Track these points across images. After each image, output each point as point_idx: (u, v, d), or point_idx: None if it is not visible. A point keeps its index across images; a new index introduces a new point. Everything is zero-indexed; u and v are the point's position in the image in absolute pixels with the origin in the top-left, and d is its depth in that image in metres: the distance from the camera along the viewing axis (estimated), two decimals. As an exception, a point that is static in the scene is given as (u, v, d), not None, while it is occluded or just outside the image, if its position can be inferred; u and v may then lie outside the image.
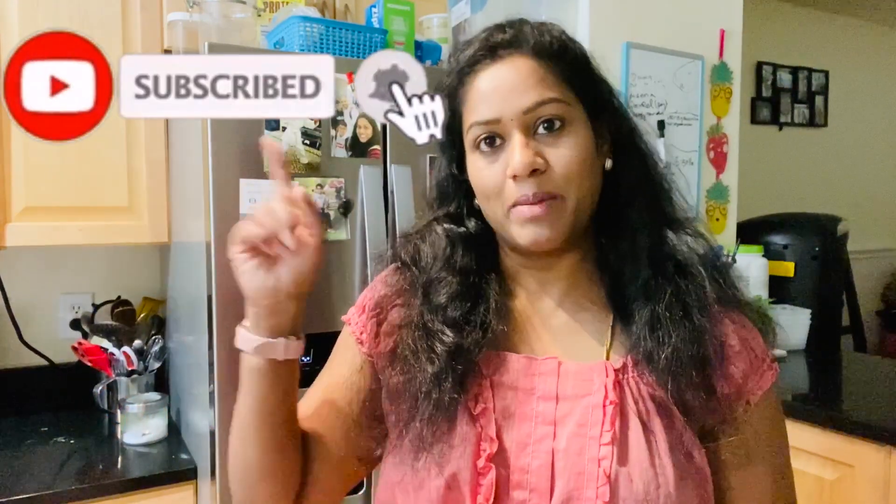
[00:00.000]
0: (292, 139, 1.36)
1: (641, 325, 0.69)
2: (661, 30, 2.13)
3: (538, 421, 0.69)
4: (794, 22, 4.04)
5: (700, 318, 0.69)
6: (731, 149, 2.36)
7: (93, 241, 1.66)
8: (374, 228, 1.44)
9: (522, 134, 0.67)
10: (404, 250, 0.79)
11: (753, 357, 0.71)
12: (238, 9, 1.46)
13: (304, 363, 1.41)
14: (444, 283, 0.74)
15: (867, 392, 1.93)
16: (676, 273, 0.71)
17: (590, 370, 0.70)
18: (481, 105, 0.69)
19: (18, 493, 1.32)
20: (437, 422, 0.68)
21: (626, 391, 0.69)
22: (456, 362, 0.69)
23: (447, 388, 0.68)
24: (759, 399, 0.71)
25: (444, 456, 0.68)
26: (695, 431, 0.68)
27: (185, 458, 1.52)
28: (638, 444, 0.66)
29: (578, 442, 0.67)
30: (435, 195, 0.80)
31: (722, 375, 0.69)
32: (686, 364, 0.67)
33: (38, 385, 1.84)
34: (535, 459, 0.67)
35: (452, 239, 0.76)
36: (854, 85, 4.35)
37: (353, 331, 0.79)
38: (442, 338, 0.71)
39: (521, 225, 0.69)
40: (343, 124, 1.42)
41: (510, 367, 0.72)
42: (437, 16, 1.82)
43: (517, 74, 0.68)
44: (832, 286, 2.44)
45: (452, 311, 0.72)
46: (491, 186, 0.70)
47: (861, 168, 4.40)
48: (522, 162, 0.66)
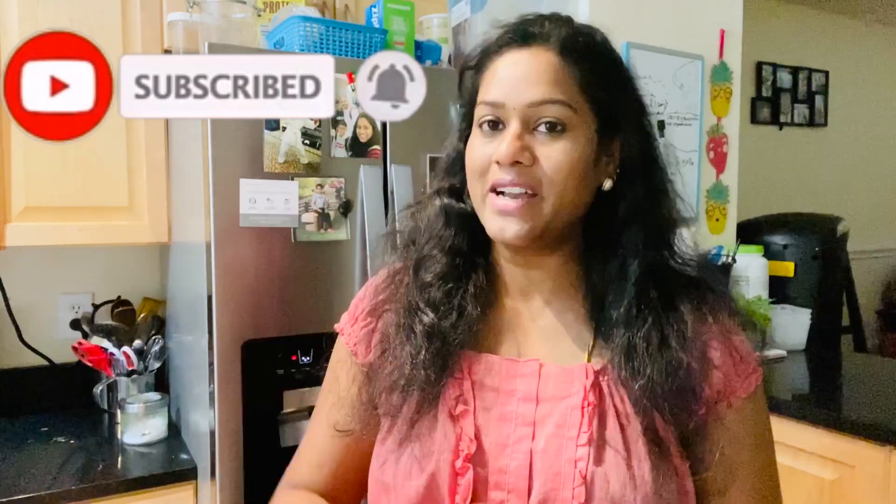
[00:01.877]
0: (292, 139, 1.36)
1: (618, 351, 0.69)
2: (661, 30, 2.13)
3: (518, 422, 0.69)
4: (794, 22, 4.04)
5: (679, 350, 0.67)
6: (731, 149, 2.36)
7: (93, 241, 1.66)
8: (374, 228, 1.43)
9: (520, 125, 0.67)
10: (404, 225, 0.80)
11: (738, 360, 0.70)
12: (238, 9, 1.46)
13: (305, 363, 1.42)
14: (432, 262, 0.75)
15: (867, 392, 1.93)
16: (660, 302, 0.70)
17: (570, 372, 0.70)
18: (493, 86, 0.69)
19: (18, 493, 1.32)
20: (422, 411, 0.69)
21: (606, 393, 0.69)
22: (431, 343, 0.70)
23: (426, 366, 0.69)
24: (741, 402, 0.70)
25: (425, 454, 0.69)
26: (677, 431, 0.68)
27: (185, 458, 1.52)
28: (615, 446, 0.66)
29: (556, 443, 0.67)
30: (442, 165, 0.80)
31: (699, 398, 0.68)
32: (659, 395, 0.66)
33: (38, 385, 1.83)
34: (513, 460, 0.68)
35: (449, 215, 0.76)
36: (854, 85, 4.35)
37: (347, 342, 0.80)
38: (422, 317, 0.72)
39: (493, 214, 0.69)
40: (343, 124, 1.42)
41: (493, 368, 0.72)
42: (437, 16, 1.82)
43: (535, 65, 0.67)
44: (832, 286, 2.44)
45: (435, 292, 0.73)
46: (478, 166, 0.70)
47: (861, 168, 4.40)
48: (507, 151, 0.66)
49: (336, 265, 1.42)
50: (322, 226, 1.40)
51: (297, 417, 1.40)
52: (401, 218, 0.82)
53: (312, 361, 1.39)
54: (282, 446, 1.37)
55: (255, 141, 1.33)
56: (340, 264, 1.43)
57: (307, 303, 1.38)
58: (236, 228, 1.31)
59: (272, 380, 1.35)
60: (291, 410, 1.39)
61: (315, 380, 1.39)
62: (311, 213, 1.39)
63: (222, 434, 1.30)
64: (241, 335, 1.31)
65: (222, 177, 1.30)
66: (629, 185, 0.71)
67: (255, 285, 1.33)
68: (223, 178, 1.30)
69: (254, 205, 1.32)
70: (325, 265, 1.41)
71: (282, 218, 1.35)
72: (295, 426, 1.39)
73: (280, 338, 1.35)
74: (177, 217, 1.69)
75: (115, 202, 1.67)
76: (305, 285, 1.38)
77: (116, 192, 1.67)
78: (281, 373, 1.36)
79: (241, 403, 1.31)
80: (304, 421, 1.40)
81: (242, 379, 1.31)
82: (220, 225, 1.30)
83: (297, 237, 1.37)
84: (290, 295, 1.36)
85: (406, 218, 0.81)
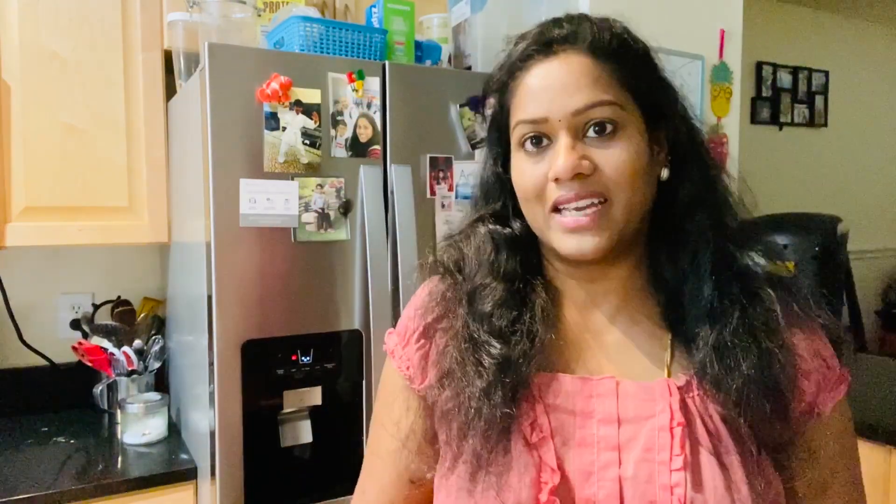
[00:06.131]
0: (292, 139, 1.36)
1: (707, 349, 0.64)
2: (661, 30, 2.11)
3: (600, 447, 0.64)
4: (794, 22, 4.04)
5: (770, 342, 0.64)
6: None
7: (93, 241, 1.66)
8: (374, 228, 1.44)
9: (570, 136, 0.63)
10: (448, 255, 0.75)
11: (826, 369, 0.67)
12: (238, 9, 1.46)
13: (305, 363, 1.42)
14: (488, 290, 0.70)
15: (867, 392, 1.93)
16: (742, 294, 0.66)
17: (651, 389, 0.65)
18: (530, 103, 0.66)
19: (18, 493, 1.32)
20: (492, 441, 0.64)
21: (693, 411, 0.64)
22: (505, 375, 0.65)
23: (498, 401, 0.64)
24: (831, 411, 0.67)
25: (503, 484, 0.63)
26: (769, 452, 0.64)
27: (185, 458, 1.52)
28: (711, 469, 0.62)
29: (647, 468, 0.62)
30: (480, 193, 0.77)
31: (795, 398, 0.65)
32: (757, 395, 0.62)
33: (38, 385, 1.84)
34: (601, 489, 0.63)
35: (497, 242, 0.72)
36: (854, 85, 4.35)
37: (399, 366, 0.74)
38: (489, 349, 0.66)
39: (564, 233, 0.65)
40: (343, 124, 1.42)
41: (564, 388, 0.67)
42: (437, 16, 1.82)
43: (570, 72, 0.64)
44: (832, 286, 2.44)
45: (498, 321, 0.68)
46: (532, 188, 0.66)
47: (861, 168, 4.40)
48: (566, 165, 0.62)
49: (336, 265, 1.42)
50: (322, 226, 1.40)
51: (297, 417, 1.40)
52: (442, 248, 0.77)
53: (312, 361, 1.39)
54: (282, 446, 1.37)
55: (255, 141, 1.33)
56: (340, 264, 1.43)
57: (307, 303, 1.38)
58: (236, 228, 1.31)
59: (272, 380, 1.35)
60: (291, 410, 1.39)
61: (315, 379, 1.40)
62: (311, 213, 1.39)
63: (222, 434, 1.30)
64: (241, 335, 1.31)
65: (222, 177, 1.30)
66: (684, 170, 0.69)
67: (255, 285, 1.33)
68: (223, 178, 1.30)
69: (254, 205, 1.32)
70: (325, 265, 1.41)
71: (282, 218, 1.35)
72: (295, 426, 1.39)
73: (280, 338, 1.35)
74: (177, 217, 1.69)
75: (115, 202, 1.67)
76: (305, 285, 1.38)
77: (116, 192, 1.67)
78: (281, 373, 1.36)
79: (241, 403, 1.31)
80: (304, 421, 1.40)
81: (242, 379, 1.31)
82: (220, 225, 1.30)
83: (297, 237, 1.37)
84: (290, 295, 1.36)
85: (450, 248, 0.76)
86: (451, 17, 1.82)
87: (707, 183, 0.69)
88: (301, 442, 1.39)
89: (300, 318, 1.38)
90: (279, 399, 1.37)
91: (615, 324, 0.70)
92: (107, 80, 1.63)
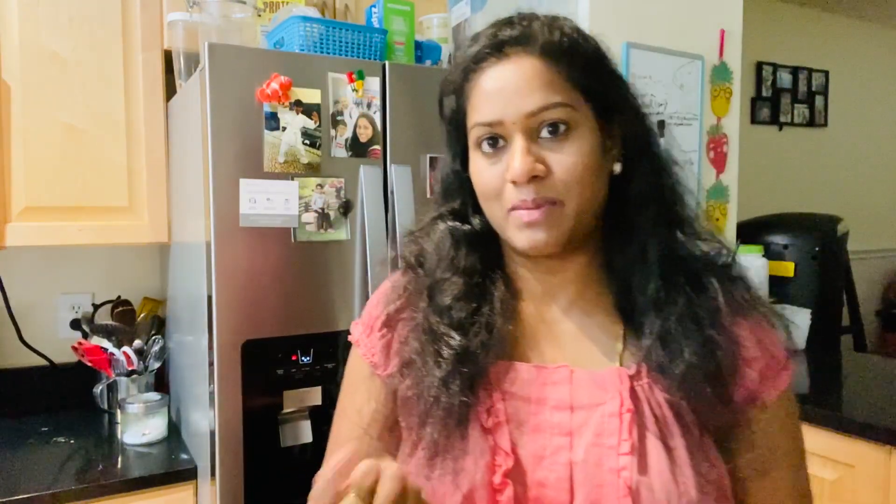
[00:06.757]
0: (292, 139, 1.36)
1: (653, 337, 0.67)
2: (661, 30, 2.13)
3: (553, 432, 0.67)
4: (794, 22, 4.04)
5: (712, 330, 0.67)
6: (731, 149, 2.36)
7: (93, 241, 1.66)
8: (374, 228, 1.44)
9: (525, 138, 0.65)
10: (409, 250, 0.78)
11: (770, 358, 0.69)
12: (238, 9, 1.46)
13: (305, 363, 1.42)
14: (447, 284, 0.73)
15: (867, 392, 1.93)
16: (688, 283, 0.69)
17: (602, 378, 0.68)
18: (485, 105, 0.67)
19: (18, 493, 1.32)
20: (450, 428, 0.67)
21: (642, 398, 0.67)
22: (463, 365, 0.68)
23: (455, 391, 0.67)
24: (775, 399, 0.69)
25: (459, 469, 0.65)
26: (712, 436, 0.67)
27: (185, 458, 1.52)
28: (657, 453, 0.64)
29: (597, 452, 0.65)
30: (440, 190, 0.79)
31: (736, 384, 0.67)
32: (700, 379, 0.65)
33: (38, 385, 1.84)
34: (552, 472, 0.65)
35: (456, 237, 0.75)
36: (854, 85, 4.35)
37: (364, 353, 0.77)
38: (448, 341, 0.69)
39: (519, 229, 0.67)
40: (343, 124, 1.42)
41: (520, 376, 0.70)
42: (437, 16, 1.82)
43: (522, 76, 0.66)
44: (832, 286, 2.44)
45: (457, 313, 0.71)
46: (490, 188, 0.68)
47: (861, 168, 4.40)
48: (521, 169, 0.64)
49: (336, 265, 1.42)
50: (322, 226, 1.40)
51: (297, 417, 1.40)
52: (404, 244, 0.80)
53: (312, 361, 1.39)
54: (282, 446, 1.37)
55: (255, 141, 1.33)
56: (340, 264, 1.43)
57: (307, 303, 1.38)
58: (236, 228, 1.31)
59: (272, 380, 1.35)
60: (291, 410, 1.39)
61: (315, 379, 1.40)
62: (311, 213, 1.39)
63: (222, 434, 1.30)
64: (241, 335, 1.31)
65: (222, 177, 1.30)
66: (636, 162, 0.71)
67: (255, 285, 1.33)
68: (223, 178, 1.30)
69: (254, 205, 1.32)
70: (325, 265, 1.41)
71: (282, 218, 1.35)
72: (295, 426, 1.39)
73: (280, 338, 1.35)
74: (177, 217, 1.69)
75: (115, 202, 1.67)
76: (305, 285, 1.38)
77: (116, 192, 1.67)
78: (281, 373, 1.36)
79: (241, 403, 1.31)
80: (304, 421, 1.40)
81: (242, 379, 1.31)
82: (220, 225, 1.30)
83: (297, 237, 1.37)
84: (289, 295, 1.36)
85: (410, 243, 0.79)
86: (451, 17, 1.82)
87: (658, 176, 0.72)
88: (301, 442, 1.39)
89: (300, 319, 1.38)
90: (279, 399, 1.37)
91: (569, 315, 0.73)
92: (107, 80, 1.63)
